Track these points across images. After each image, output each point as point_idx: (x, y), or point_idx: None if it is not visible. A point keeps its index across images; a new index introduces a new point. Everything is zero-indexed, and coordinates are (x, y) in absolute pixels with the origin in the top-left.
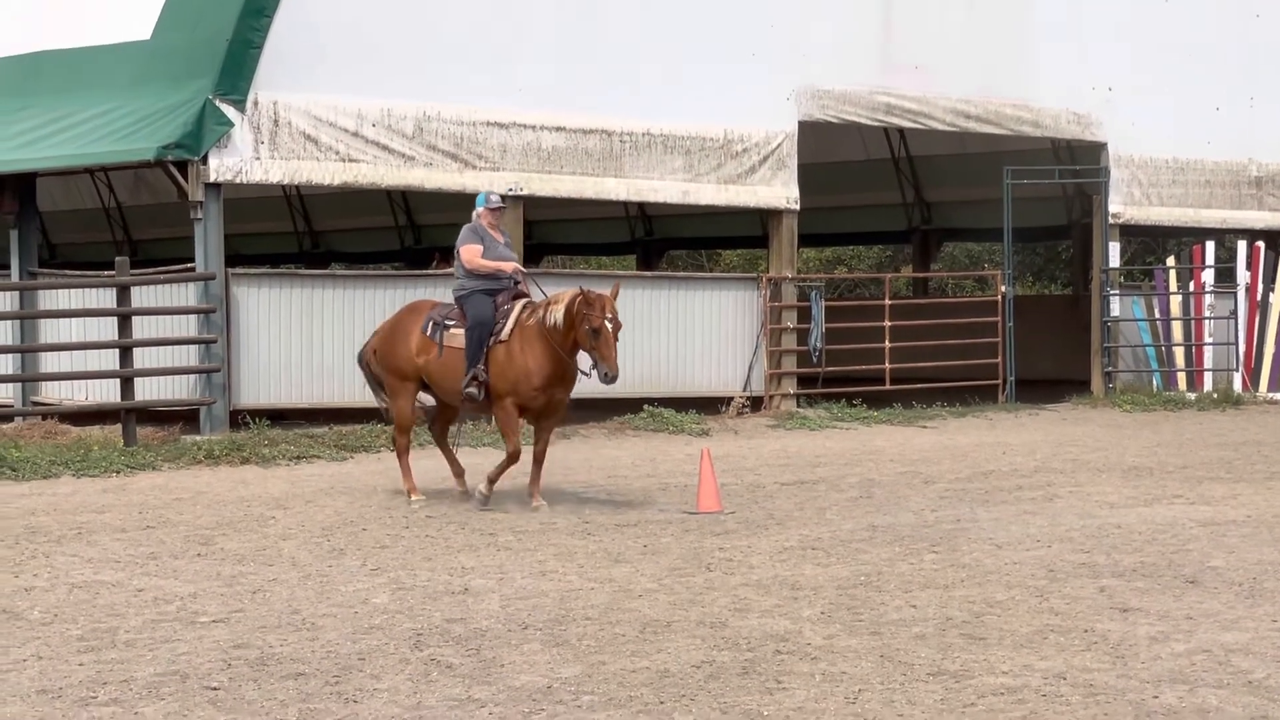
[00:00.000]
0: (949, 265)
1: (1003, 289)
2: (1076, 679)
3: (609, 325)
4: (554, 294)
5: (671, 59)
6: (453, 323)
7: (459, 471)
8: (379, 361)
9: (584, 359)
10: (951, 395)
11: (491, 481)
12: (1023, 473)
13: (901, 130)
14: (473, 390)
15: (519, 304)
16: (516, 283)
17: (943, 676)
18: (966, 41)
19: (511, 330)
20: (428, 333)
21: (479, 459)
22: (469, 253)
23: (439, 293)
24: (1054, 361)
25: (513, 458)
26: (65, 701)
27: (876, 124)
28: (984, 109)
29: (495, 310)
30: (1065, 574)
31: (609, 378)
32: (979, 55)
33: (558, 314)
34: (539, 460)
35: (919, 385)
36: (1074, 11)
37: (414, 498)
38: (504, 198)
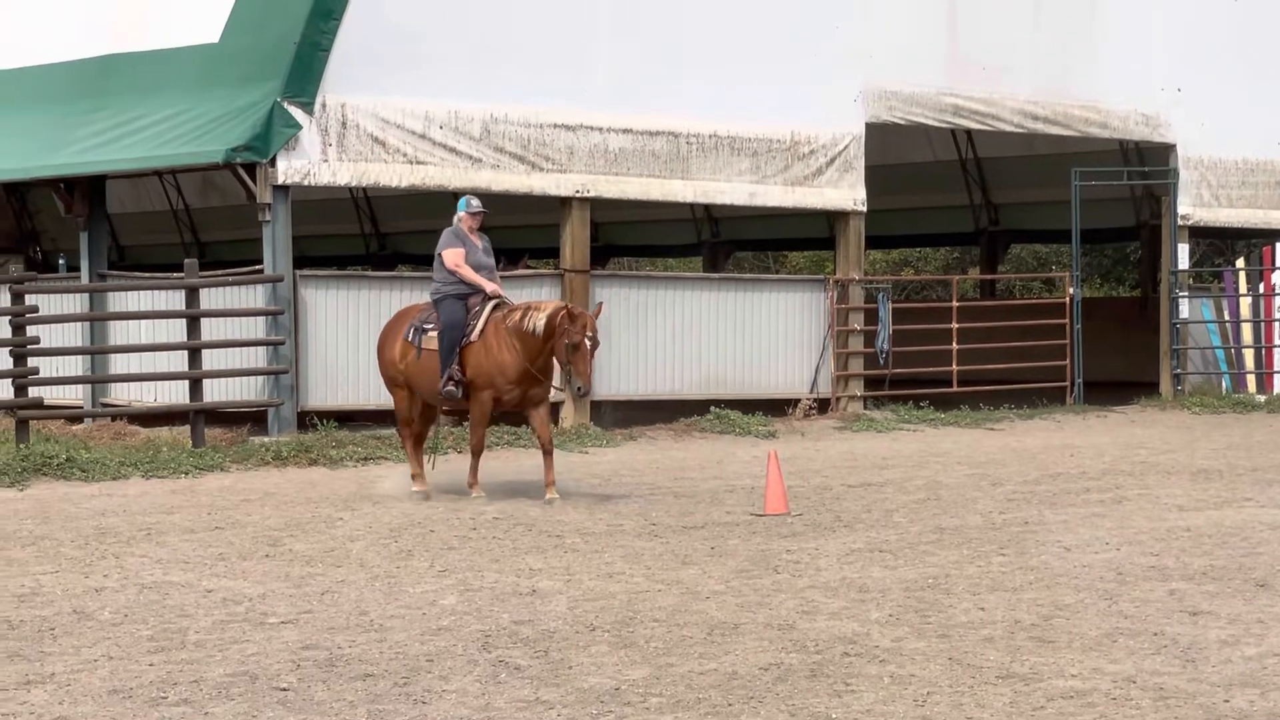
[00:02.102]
0: (1016, 267)
1: (1071, 291)
2: (1146, 682)
3: (588, 343)
4: (535, 300)
5: (738, 61)
6: (430, 326)
7: (420, 473)
8: (379, 362)
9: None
10: (1019, 397)
11: (474, 482)
12: (1091, 475)
13: (969, 132)
14: (451, 389)
15: (490, 305)
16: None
17: (1012, 679)
18: (1034, 42)
19: (483, 329)
20: (408, 337)
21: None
22: (453, 256)
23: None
24: (1122, 363)
25: (475, 451)
26: (136, 702)
27: (943, 125)
28: (1052, 110)
29: (467, 314)
30: (1134, 577)
31: (582, 392)
32: (1046, 56)
33: (538, 321)
34: (547, 452)
35: (986, 387)
36: (1142, 11)
37: (416, 487)
38: (483, 203)
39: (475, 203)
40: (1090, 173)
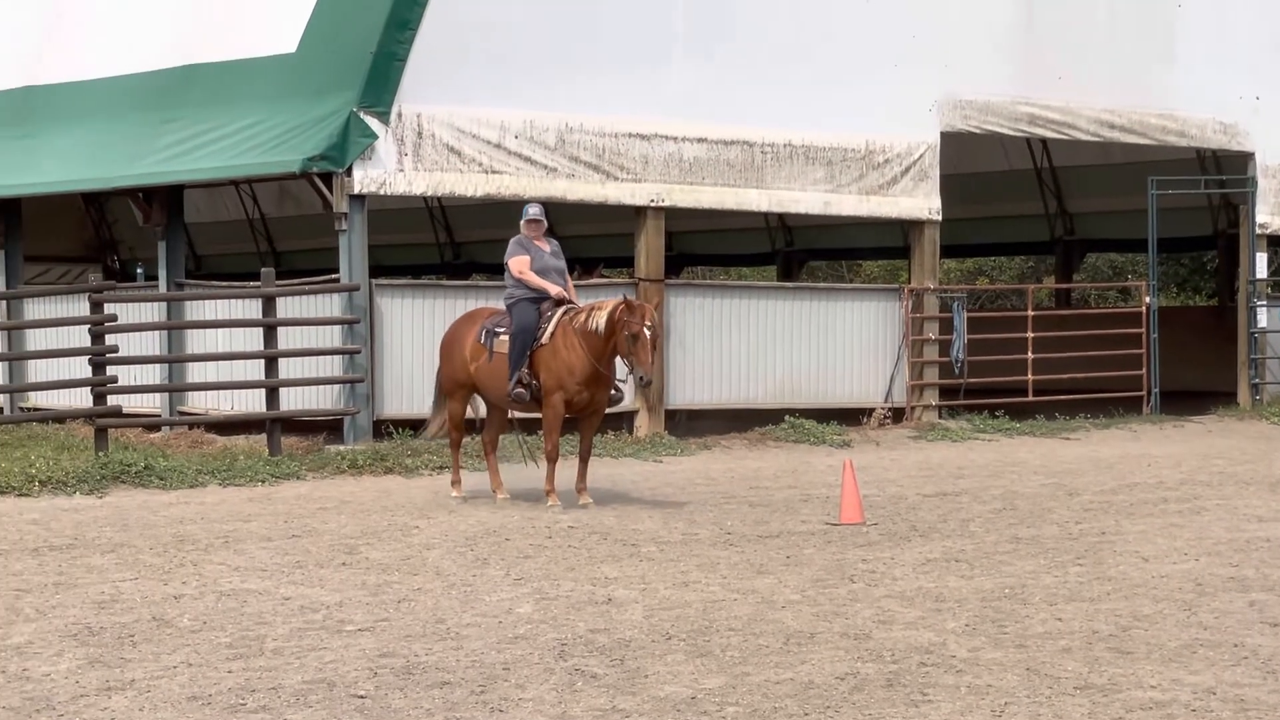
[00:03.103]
0: (1092, 276)
1: (1147, 300)
2: (1227, 694)
3: (647, 332)
4: (597, 300)
5: (813, 70)
6: (502, 330)
7: (499, 484)
8: (441, 366)
9: (621, 367)
10: (1095, 407)
11: (551, 490)
12: (1168, 485)
13: (1044, 140)
14: (520, 391)
15: (560, 310)
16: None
17: (1090, 690)
18: (1110, 51)
19: (553, 333)
20: (480, 340)
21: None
22: (517, 264)
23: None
24: (1199, 373)
25: (550, 458)
26: (215, 708)
27: (1019, 134)
28: (1128, 119)
29: (539, 317)
30: (1214, 588)
31: (644, 381)
32: (1123, 64)
33: (600, 319)
34: (584, 459)
35: (1062, 397)
36: (1220, 19)
37: (455, 493)
38: (544, 208)
39: (532, 210)
40: (1167, 181)
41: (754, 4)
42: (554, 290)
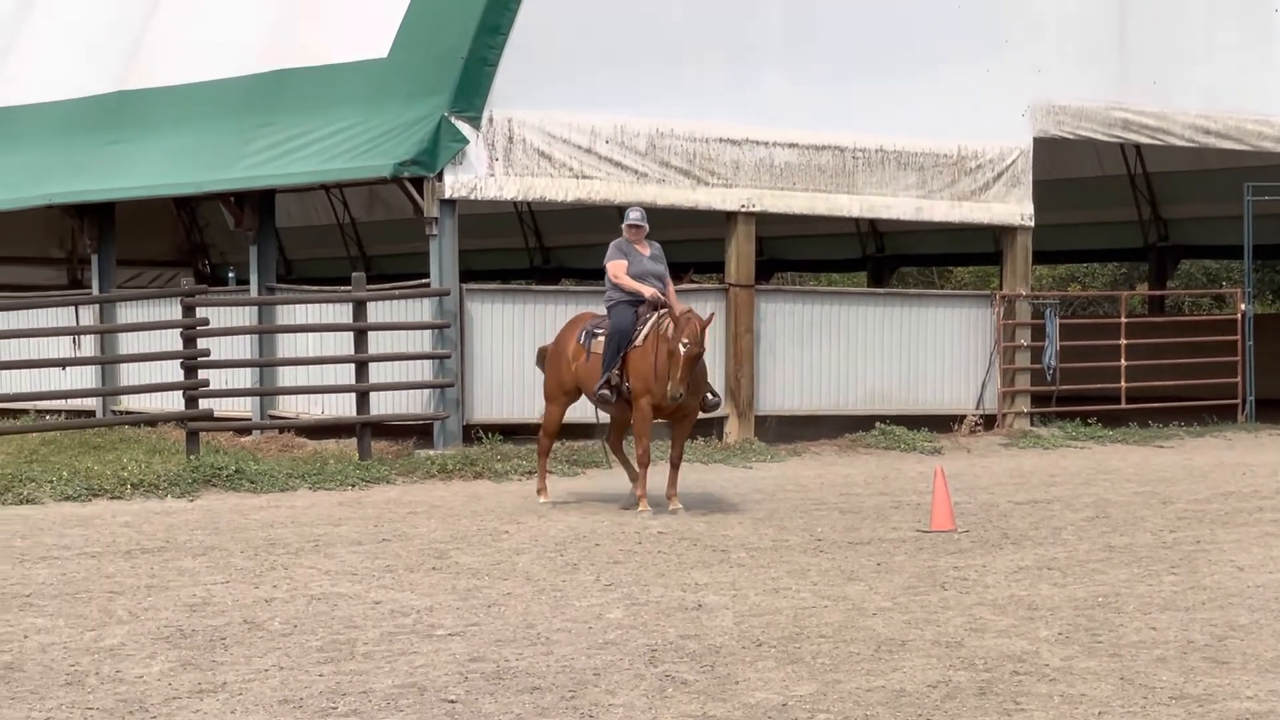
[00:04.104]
0: (1186, 283)
1: (1242, 307)
2: None
3: (682, 349)
4: (688, 307)
5: (905, 75)
6: (600, 331)
7: (634, 476)
8: (546, 369)
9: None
10: (1189, 415)
11: (642, 495)
12: (1264, 494)
13: (1138, 146)
14: (605, 392)
15: (656, 314)
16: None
17: (1185, 700)
18: (1205, 56)
19: (645, 336)
20: (580, 341)
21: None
22: (615, 268)
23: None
24: None
25: (641, 462)
26: (306, 711)
27: (1113, 140)
28: (1224, 124)
29: (636, 320)
30: None
31: (667, 396)
32: (1218, 69)
33: (670, 327)
34: (674, 465)
35: (1155, 404)
36: None
37: (543, 499)
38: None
39: (633, 215)
40: (1263, 187)
41: (846, 9)
42: (647, 292)
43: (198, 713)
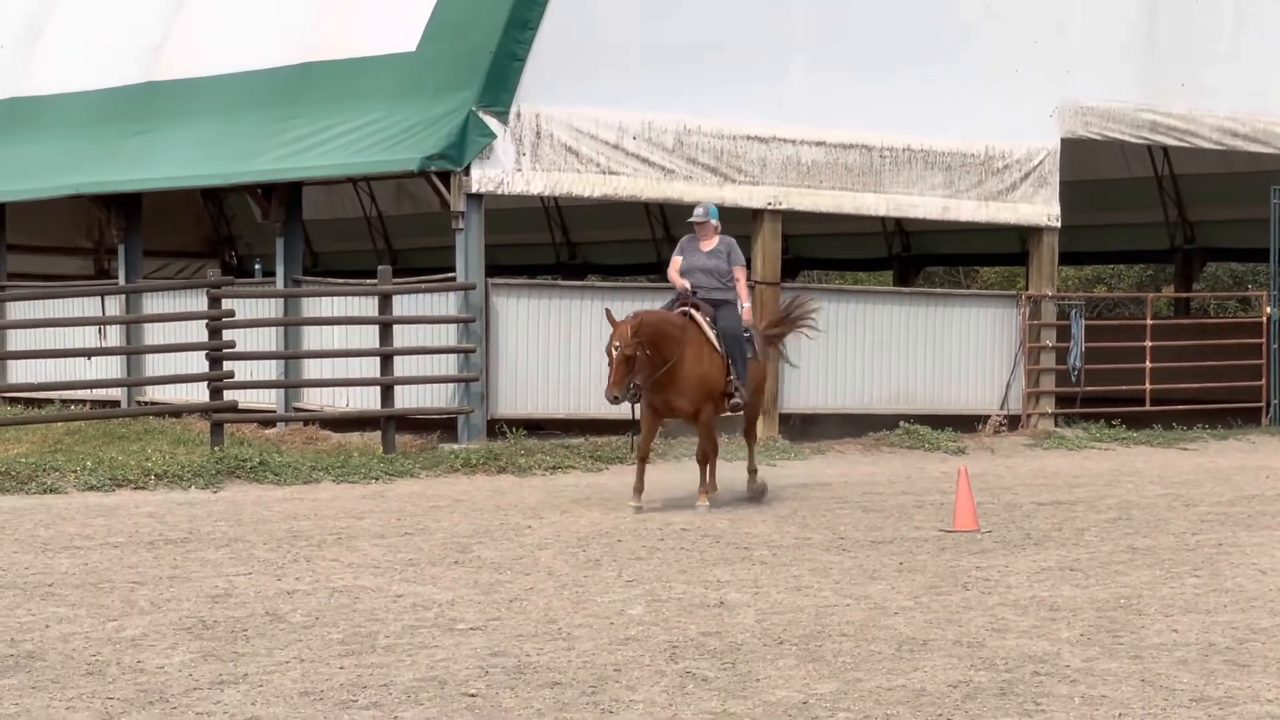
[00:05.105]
0: (1212, 285)
1: (1268, 310)
2: None
3: (614, 352)
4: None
5: (933, 75)
6: None
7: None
8: None
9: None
10: (1213, 417)
11: (639, 491)
12: None
13: (1165, 148)
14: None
15: (679, 308)
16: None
17: (1205, 703)
18: (1234, 58)
19: None
20: None
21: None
22: (671, 265)
23: None
24: None
25: (639, 456)
26: (326, 704)
27: (1140, 142)
28: (1252, 127)
29: None
30: None
31: (613, 400)
32: (1247, 72)
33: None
34: (699, 463)
35: (1179, 407)
36: None
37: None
38: (709, 210)
39: (697, 212)
40: None
41: (874, 9)
42: (678, 284)
43: (218, 704)
